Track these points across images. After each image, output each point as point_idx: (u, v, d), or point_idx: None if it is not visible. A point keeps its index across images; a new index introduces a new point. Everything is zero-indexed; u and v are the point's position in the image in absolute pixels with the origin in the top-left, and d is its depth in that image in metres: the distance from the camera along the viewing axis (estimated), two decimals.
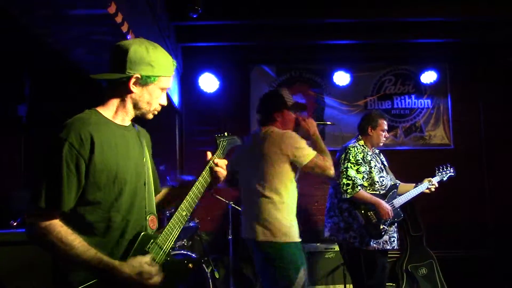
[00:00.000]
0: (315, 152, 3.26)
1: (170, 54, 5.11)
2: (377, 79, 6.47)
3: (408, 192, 4.23)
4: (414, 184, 4.35)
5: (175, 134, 6.00)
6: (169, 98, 5.17)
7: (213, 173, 2.14)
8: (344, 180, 3.98)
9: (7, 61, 5.26)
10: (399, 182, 4.37)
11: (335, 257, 5.69)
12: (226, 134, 2.38)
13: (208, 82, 5.99)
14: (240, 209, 4.59)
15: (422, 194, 4.33)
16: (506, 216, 6.21)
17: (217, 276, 4.40)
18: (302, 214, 6.21)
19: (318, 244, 5.94)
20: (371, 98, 6.45)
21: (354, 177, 3.98)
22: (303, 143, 3.27)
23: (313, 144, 3.39)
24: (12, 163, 5.58)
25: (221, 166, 2.16)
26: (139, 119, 2.08)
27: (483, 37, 5.95)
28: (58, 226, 1.74)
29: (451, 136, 6.47)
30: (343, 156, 4.13)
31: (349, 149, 4.12)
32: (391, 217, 4.00)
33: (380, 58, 6.41)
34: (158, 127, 5.96)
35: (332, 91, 6.40)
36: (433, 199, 4.71)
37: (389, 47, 6.26)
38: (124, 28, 3.18)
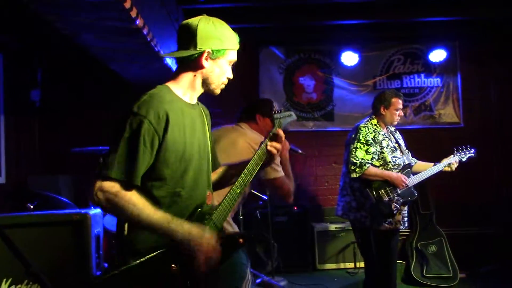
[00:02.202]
0: (283, 173, 3.04)
1: None
2: (386, 59, 6.46)
3: (423, 172, 4.17)
4: (433, 164, 4.28)
5: None
6: None
7: (268, 151, 2.18)
8: (352, 160, 3.96)
9: (19, 47, 5.35)
10: (415, 160, 4.32)
11: (345, 236, 5.77)
12: (282, 110, 2.39)
13: None
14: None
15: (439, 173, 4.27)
16: None
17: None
18: (313, 194, 6.34)
19: (328, 223, 6.03)
20: (380, 77, 6.44)
21: (362, 158, 3.95)
22: (278, 158, 3.02)
23: (283, 166, 3.14)
24: (28, 147, 5.70)
25: (276, 144, 2.19)
26: None
27: (492, 13, 5.89)
28: (129, 192, 1.83)
29: (461, 114, 6.45)
30: (353, 135, 4.11)
31: (360, 129, 4.08)
32: (405, 184, 3.96)
33: (389, 37, 6.38)
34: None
35: (341, 71, 6.40)
36: (443, 177, 4.72)
37: (397, 26, 6.23)
38: (133, 13, 3.22)
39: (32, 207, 3.69)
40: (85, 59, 4.68)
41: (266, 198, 5.17)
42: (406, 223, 4.13)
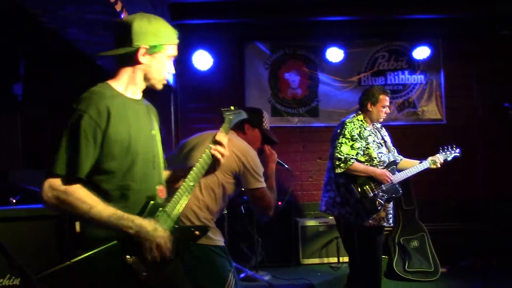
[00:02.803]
0: (264, 185, 2.96)
1: None
2: (371, 55, 6.50)
3: (408, 169, 4.21)
4: (419, 161, 4.33)
5: (170, 112, 6.05)
6: None
7: (212, 155, 2.19)
8: (336, 155, 3.99)
9: (1, 40, 5.27)
10: (401, 158, 4.36)
11: (329, 231, 5.82)
12: (232, 108, 2.42)
13: (202, 60, 6.01)
14: None
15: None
16: (497, 190, 6.32)
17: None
18: (297, 189, 6.37)
19: (312, 218, 6.07)
20: (364, 74, 6.49)
21: (347, 153, 3.97)
22: (261, 168, 2.98)
23: (268, 178, 3.11)
24: (10, 141, 5.63)
25: (222, 142, 2.20)
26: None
27: (475, 11, 5.98)
28: (77, 188, 1.86)
29: (443, 111, 6.53)
30: (339, 130, 4.12)
31: (346, 124, 4.10)
32: (390, 181, 4.00)
33: (373, 34, 6.43)
34: (153, 105, 6.04)
35: (326, 67, 6.43)
36: (426, 173, 4.78)
37: (382, 23, 6.28)
38: (118, 7, 3.21)
39: (14, 201, 3.66)
40: (71, 53, 4.63)
41: None
42: (391, 220, 4.15)
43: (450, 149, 4.50)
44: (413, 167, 4.26)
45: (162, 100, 5.93)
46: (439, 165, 4.36)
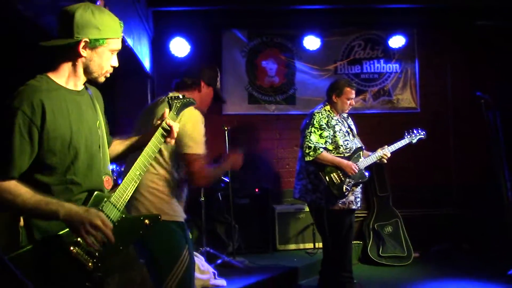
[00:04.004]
0: (202, 153, 2.82)
1: (141, 19, 5.07)
2: (347, 44, 6.55)
3: (369, 156, 4.43)
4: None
5: (147, 99, 6.02)
6: (140, 62, 5.17)
7: (165, 136, 2.18)
8: (306, 144, 4.21)
9: None
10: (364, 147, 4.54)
11: (305, 217, 5.90)
12: (180, 96, 2.40)
13: (180, 47, 5.98)
14: None
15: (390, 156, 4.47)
16: (469, 177, 6.49)
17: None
18: (274, 176, 6.43)
19: (289, 205, 6.14)
20: (341, 62, 6.54)
21: (316, 142, 4.19)
22: (201, 135, 2.85)
23: (220, 168, 3.03)
24: None
25: (173, 128, 2.18)
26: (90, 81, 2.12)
27: (451, 2, 6.08)
28: (6, 183, 1.82)
29: (418, 100, 6.64)
30: (308, 121, 4.35)
31: (314, 115, 4.33)
32: (355, 172, 4.21)
33: (350, 23, 6.46)
34: (129, 91, 6.00)
35: (303, 56, 6.46)
36: (400, 160, 4.90)
37: (359, 12, 6.33)
38: None
39: None
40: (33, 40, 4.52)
41: (228, 180, 5.21)
42: (359, 203, 4.39)
43: (415, 132, 4.65)
44: (372, 155, 4.44)
45: (139, 87, 5.89)
46: (385, 160, 4.46)
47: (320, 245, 5.00)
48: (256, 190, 5.93)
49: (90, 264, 1.89)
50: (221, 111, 6.22)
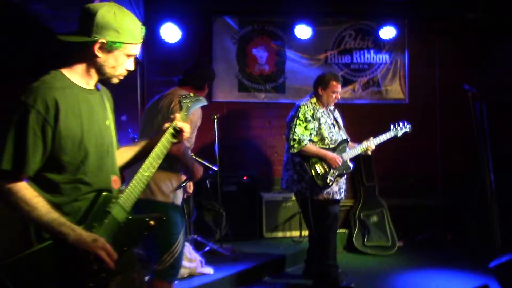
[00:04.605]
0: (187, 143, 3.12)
1: (131, 3, 5.00)
2: (338, 34, 6.55)
3: (354, 148, 4.49)
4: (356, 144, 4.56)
5: (136, 85, 5.99)
6: None
7: (175, 136, 2.17)
8: (291, 136, 4.29)
9: None
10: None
11: (292, 206, 5.96)
12: (191, 95, 2.41)
13: (170, 33, 5.94)
14: (200, 160, 4.73)
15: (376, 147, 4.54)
16: (454, 168, 6.58)
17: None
18: (262, 164, 6.47)
19: (276, 193, 6.19)
20: (331, 52, 6.55)
21: (301, 134, 4.26)
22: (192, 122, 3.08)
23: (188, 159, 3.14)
24: None
25: (184, 129, 2.18)
26: None
27: None
28: (23, 188, 1.82)
29: (406, 91, 6.69)
30: (293, 114, 4.41)
31: (300, 107, 4.39)
32: (339, 165, 4.28)
33: (341, 12, 6.47)
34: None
35: (294, 44, 6.45)
36: (387, 150, 4.95)
37: (351, 2, 6.34)
38: None
39: None
40: (33, 26, 4.48)
41: (216, 168, 5.23)
42: (343, 193, 4.48)
43: (401, 125, 4.70)
44: (358, 147, 4.49)
45: (129, 72, 5.86)
46: (370, 152, 4.54)
47: (307, 233, 5.07)
48: (244, 178, 5.97)
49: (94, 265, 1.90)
50: (211, 99, 6.23)
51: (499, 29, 6.43)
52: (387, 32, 6.38)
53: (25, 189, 1.82)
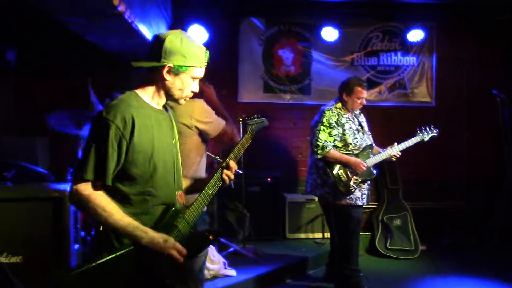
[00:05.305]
0: (224, 122, 3.26)
1: (159, 5, 5.08)
2: (365, 35, 6.51)
3: (379, 154, 4.47)
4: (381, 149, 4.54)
5: None
6: None
7: (222, 179, 2.33)
8: (315, 141, 4.31)
9: None
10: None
11: (315, 207, 5.98)
12: (255, 117, 2.55)
13: (198, 34, 5.99)
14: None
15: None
16: (481, 172, 6.51)
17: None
18: (286, 165, 6.50)
19: (300, 194, 6.22)
20: (358, 54, 6.52)
21: (325, 140, 4.28)
22: (212, 112, 3.22)
23: (216, 110, 3.32)
24: (3, 108, 5.66)
25: (232, 168, 2.34)
26: None
27: None
28: (100, 195, 2.00)
29: (433, 94, 6.62)
30: (318, 119, 4.42)
31: (324, 113, 4.40)
32: (364, 170, 4.29)
33: (369, 15, 6.43)
34: None
35: (320, 46, 6.44)
36: (412, 154, 4.92)
37: (378, 4, 6.29)
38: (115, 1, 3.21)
39: (9, 177, 3.72)
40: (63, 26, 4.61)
41: (241, 171, 5.27)
42: (365, 199, 4.46)
43: (428, 130, 4.66)
44: (382, 153, 4.48)
45: None
46: (394, 158, 4.51)
47: (329, 235, 5.09)
48: (268, 179, 6.02)
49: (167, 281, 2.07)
50: (237, 99, 6.28)
51: None
52: (415, 35, 6.32)
53: (102, 197, 2.00)
